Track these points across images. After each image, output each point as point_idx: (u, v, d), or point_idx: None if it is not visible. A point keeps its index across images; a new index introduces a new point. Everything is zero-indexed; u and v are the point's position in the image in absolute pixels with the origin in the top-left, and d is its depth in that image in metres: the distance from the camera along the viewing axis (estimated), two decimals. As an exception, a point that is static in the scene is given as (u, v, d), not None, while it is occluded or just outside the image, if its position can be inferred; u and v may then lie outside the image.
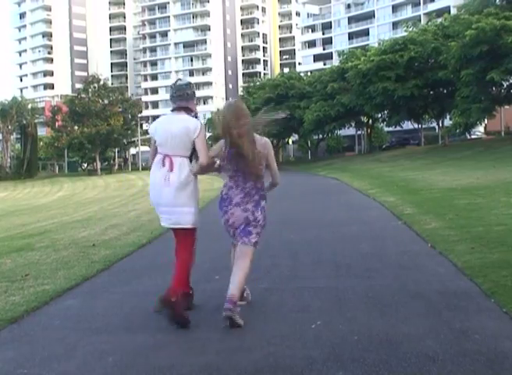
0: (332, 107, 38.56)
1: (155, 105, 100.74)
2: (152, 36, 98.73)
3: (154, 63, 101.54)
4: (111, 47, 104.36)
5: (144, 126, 79.36)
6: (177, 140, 3.60)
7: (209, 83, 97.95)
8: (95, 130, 49.40)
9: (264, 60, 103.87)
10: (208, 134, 55.68)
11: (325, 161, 41.35)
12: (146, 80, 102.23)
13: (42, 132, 63.99)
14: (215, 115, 3.89)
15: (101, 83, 53.05)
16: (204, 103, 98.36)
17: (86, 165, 62.26)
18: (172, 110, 3.70)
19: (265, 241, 6.81)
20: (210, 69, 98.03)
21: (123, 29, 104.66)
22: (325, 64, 71.71)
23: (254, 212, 3.68)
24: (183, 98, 3.69)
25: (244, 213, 3.66)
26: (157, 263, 5.72)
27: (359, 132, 50.22)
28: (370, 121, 43.84)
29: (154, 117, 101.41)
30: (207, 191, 18.08)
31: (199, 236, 3.93)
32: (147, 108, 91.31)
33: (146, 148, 73.32)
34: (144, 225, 9.11)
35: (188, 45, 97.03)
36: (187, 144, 3.61)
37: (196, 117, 3.70)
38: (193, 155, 3.67)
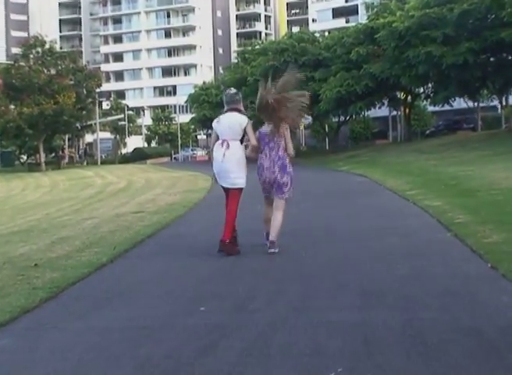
0: (357, 80, 38.64)
1: (119, 76, 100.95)
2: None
3: (117, 20, 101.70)
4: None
5: (105, 105, 79.76)
6: (233, 129, 7.37)
7: (192, 47, 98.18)
8: (38, 111, 49.39)
9: (266, 16, 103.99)
10: (192, 116, 55.63)
11: (348, 152, 41.44)
12: (106, 42, 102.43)
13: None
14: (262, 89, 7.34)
15: (47, 46, 53.13)
16: (186, 74, 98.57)
17: (25, 157, 62.38)
18: (226, 111, 7.48)
19: (268, 258, 6.90)
20: (193, 29, 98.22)
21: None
22: (347, 21, 71.91)
23: (283, 176, 7.29)
24: (234, 103, 7.49)
25: (273, 175, 7.29)
26: (121, 289, 5.75)
27: (394, 113, 50.34)
28: (409, 98, 43.93)
29: (118, 93, 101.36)
30: (189, 192, 18.13)
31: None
32: (108, 80, 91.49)
33: (106, 135, 73.73)
34: (104, 238, 9.15)
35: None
36: (239, 131, 7.38)
37: (244, 114, 7.48)
38: (242, 139, 7.42)
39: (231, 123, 7.38)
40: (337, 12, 79.38)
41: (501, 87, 36.14)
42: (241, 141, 7.44)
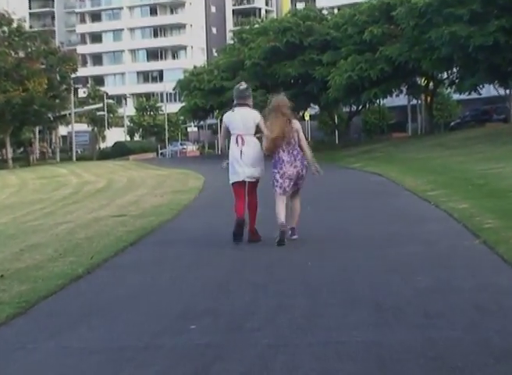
0: (371, 63, 38.63)
1: (98, 59, 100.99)
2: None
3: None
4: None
5: (81, 93, 79.68)
6: (246, 124, 8.58)
7: (181, 27, 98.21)
8: (4, 99, 49.32)
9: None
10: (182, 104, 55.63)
11: (361, 146, 41.40)
12: (83, 20, 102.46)
13: None
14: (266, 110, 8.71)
15: (14, 25, 53.04)
16: (174, 57, 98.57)
17: (-11, 152, 62.26)
18: (235, 105, 8.70)
19: (268, 266, 6.91)
20: (182, 5, 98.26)
21: None
22: (360, -4, 71.75)
23: (303, 169, 8.53)
24: (244, 98, 8.72)
25: (295, 169, 8.44)
26: (100, 304, 5.76)
27: (413, 102, 50.35)
28: (430, 85, 43.95)
29: (97, 79, 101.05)
30: (178, 192, 18.14)
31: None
32: (84, 64, 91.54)
33: (83, 127, 73.69)
34: (80, 246, 9.15)
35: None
36: (253, 126, 8.59)
37: (253, 110, 8.77)
38: (255, 133, 8.67)
39: (244, 118, 8.58)
40: (348, -14, 79.28)
41: (537, 73, 36.09)
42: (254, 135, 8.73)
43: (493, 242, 7.24)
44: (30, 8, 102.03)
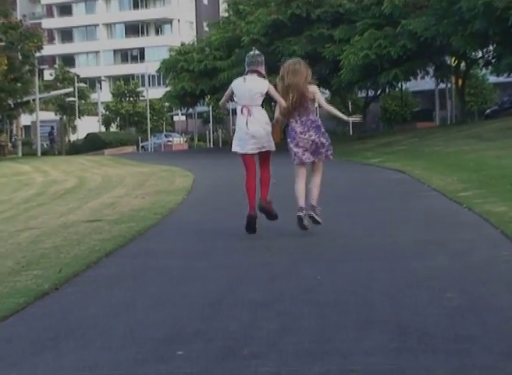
0: (392, 40, 38.57)
1: (67, 35, 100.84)
2: None
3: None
4: None
5: (47, 75, 79.49)
6: (252, 96, 9.54)
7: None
8: (-44, 83, 49.30)
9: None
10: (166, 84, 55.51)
11: (380, 138, 41.38)
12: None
13: None
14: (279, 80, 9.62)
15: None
16: (158, 32, 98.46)
17: None
18: (247, 73, 9.70)
19: (269, 280, 6.89)
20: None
21: None
22: (379, -40, 71.68)
23: (320, 137, 9.43)
24: (255, 64, 9.64)
25: (310, 138, 9.37)
26: (70, 326, 5.75)
27: (442, 86, 50.28)
28: (462, 65, 43.89)
29: (66, 58, 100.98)
30: (163, 193, 18.10)
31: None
32: (52, 41, 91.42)
33: (50, 115, 73.52)
34: (47, 256, 9.11)
35: None
36: (259, 98, 9.58)
37: (264, 78, 9.71)
38: (262, 104, 9.78)
39: (251, 89, 9.58)
40: None
41: None
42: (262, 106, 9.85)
43: (537, 252, 7.26)
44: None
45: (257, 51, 9.95)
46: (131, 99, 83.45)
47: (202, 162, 34.32)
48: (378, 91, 46.74)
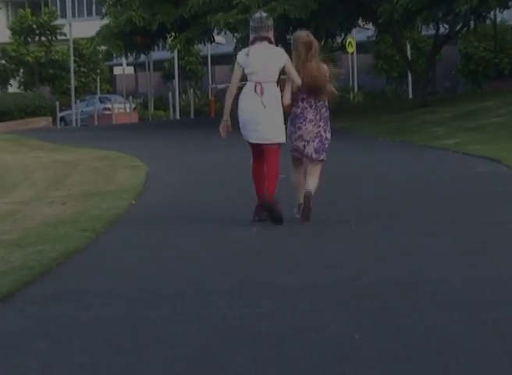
0: None
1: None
2: None
3: None
4: None
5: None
6: (268, 68, 8.90)
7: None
8: None
9: None
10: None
11: (458, 105, 30.94)
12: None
13: None
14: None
15: None
16: None
17: None
18: (254, 40, 8.93)
19: (271, 343, 5.13)
20: None
21: None
22: None
23: (326, 130, 9.41)
24: (264, 29, 8.92)
25: (317, 128, 9.28)
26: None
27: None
28: None
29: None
30: (96, 195, 13.98)
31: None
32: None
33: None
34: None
35: None
36: (276, 71, 8.95)
37: (277, 46, 9.57)
38: (278, 81, 9.30)
39: (265, 60, 8.66)
40: None
41: None
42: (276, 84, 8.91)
43: None
44: None
45: (264, 13, 9.33)
46: (43, 39, 66.30)
47: (161, 145, 26.58)
48: (457, 27, 32.55)
